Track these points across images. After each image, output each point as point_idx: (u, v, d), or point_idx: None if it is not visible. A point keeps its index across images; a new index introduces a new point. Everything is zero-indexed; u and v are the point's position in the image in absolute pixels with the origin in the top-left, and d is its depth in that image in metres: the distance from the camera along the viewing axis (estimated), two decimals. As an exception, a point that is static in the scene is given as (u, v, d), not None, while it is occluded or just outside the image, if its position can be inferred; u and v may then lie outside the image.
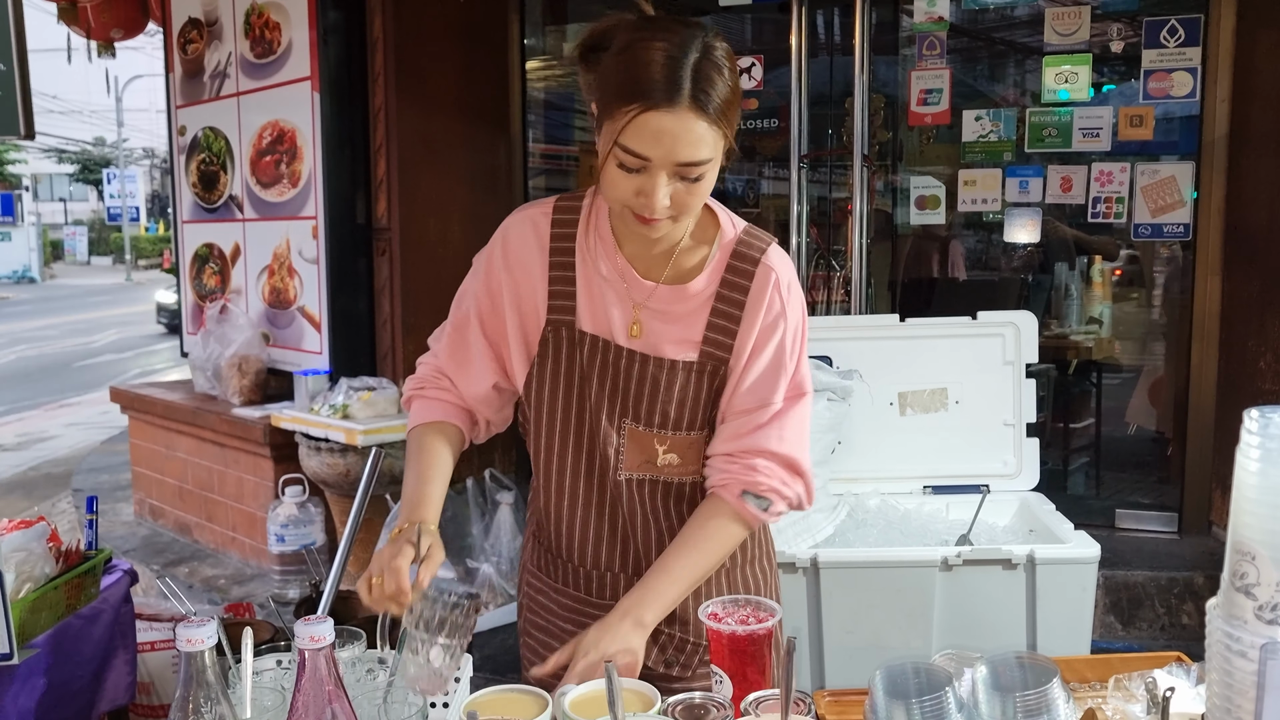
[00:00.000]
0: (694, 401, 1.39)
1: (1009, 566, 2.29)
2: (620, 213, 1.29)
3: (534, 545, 1.57)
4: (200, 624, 1.13)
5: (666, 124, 1.18)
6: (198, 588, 3.98)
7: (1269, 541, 0.98)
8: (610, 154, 1.21)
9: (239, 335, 4.28)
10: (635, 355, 1.38)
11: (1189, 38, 3.53)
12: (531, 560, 1.57)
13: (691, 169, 1.21)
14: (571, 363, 1.40)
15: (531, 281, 1.40)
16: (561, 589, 1.52)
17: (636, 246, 1.38)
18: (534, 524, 1.57)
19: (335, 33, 4.02)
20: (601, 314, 1.38)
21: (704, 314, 1.38)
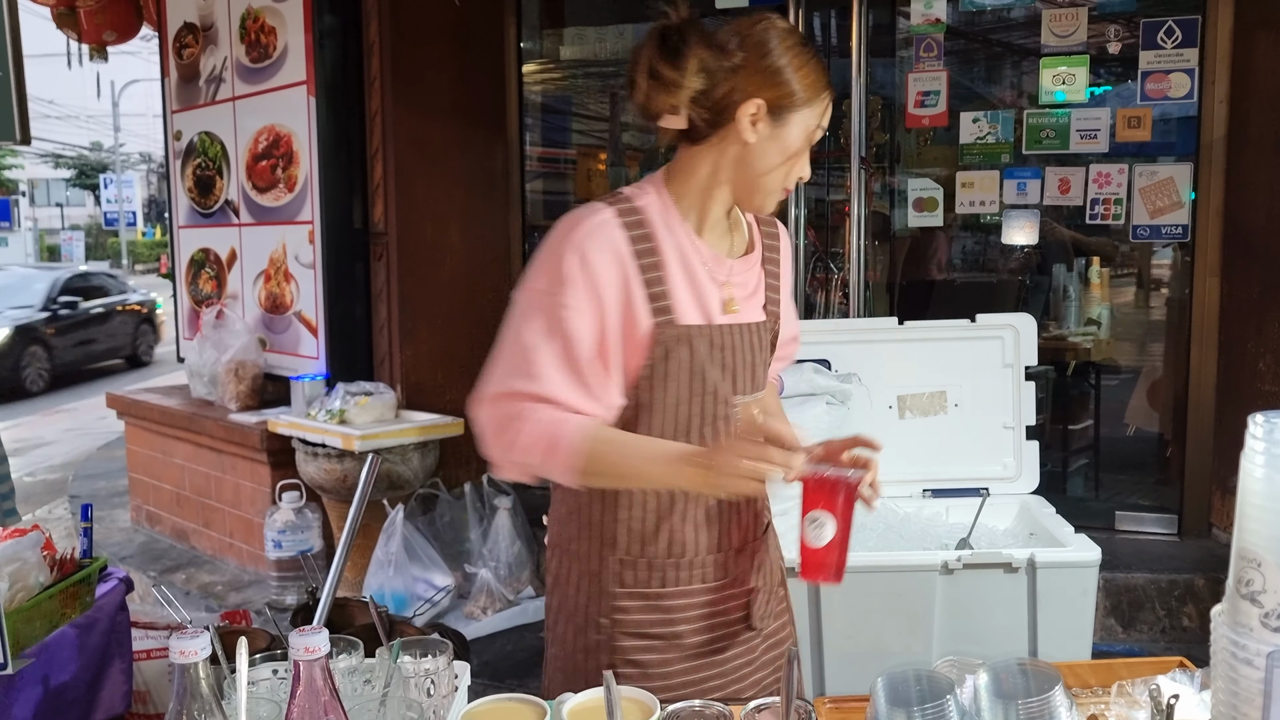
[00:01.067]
0: (766, 356, 1.54)
1: (1010, 570, 2.28)
2: (771, 193, 1.44)
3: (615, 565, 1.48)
4: (193, 635, 1.11)
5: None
6: (195, 594, 3.96)
7: (1276, 548, 0.97)
8: (807, 137, 1.41)
9: (235, 340, 4.26)
10: (735, 329, 1.47)
11: (1186, 39, 3.53)
12: (617, 583, 1.48)
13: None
14: (689, 356, 1.43)
15: (624, 292, 1.39)
16: (668, 592, 1.47)
17: (713, 231, 1.49)
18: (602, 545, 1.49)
19: (331, 37, 4.00)
20: (700, 299, 1.44)
21: (762, 277, 1.54)
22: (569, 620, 1.52)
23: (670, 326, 1.40)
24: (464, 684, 1.50)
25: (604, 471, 1.37)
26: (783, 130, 1.39)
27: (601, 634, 1.47)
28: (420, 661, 1.39)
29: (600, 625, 1.47)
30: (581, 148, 5.49)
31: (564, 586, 1.53)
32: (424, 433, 3.68)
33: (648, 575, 1.46)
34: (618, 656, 1.47)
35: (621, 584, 1.47)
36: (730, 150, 1.42)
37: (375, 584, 3.53)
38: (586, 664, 1.49)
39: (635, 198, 1.44)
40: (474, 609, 3.64)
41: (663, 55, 1.38)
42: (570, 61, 5.05)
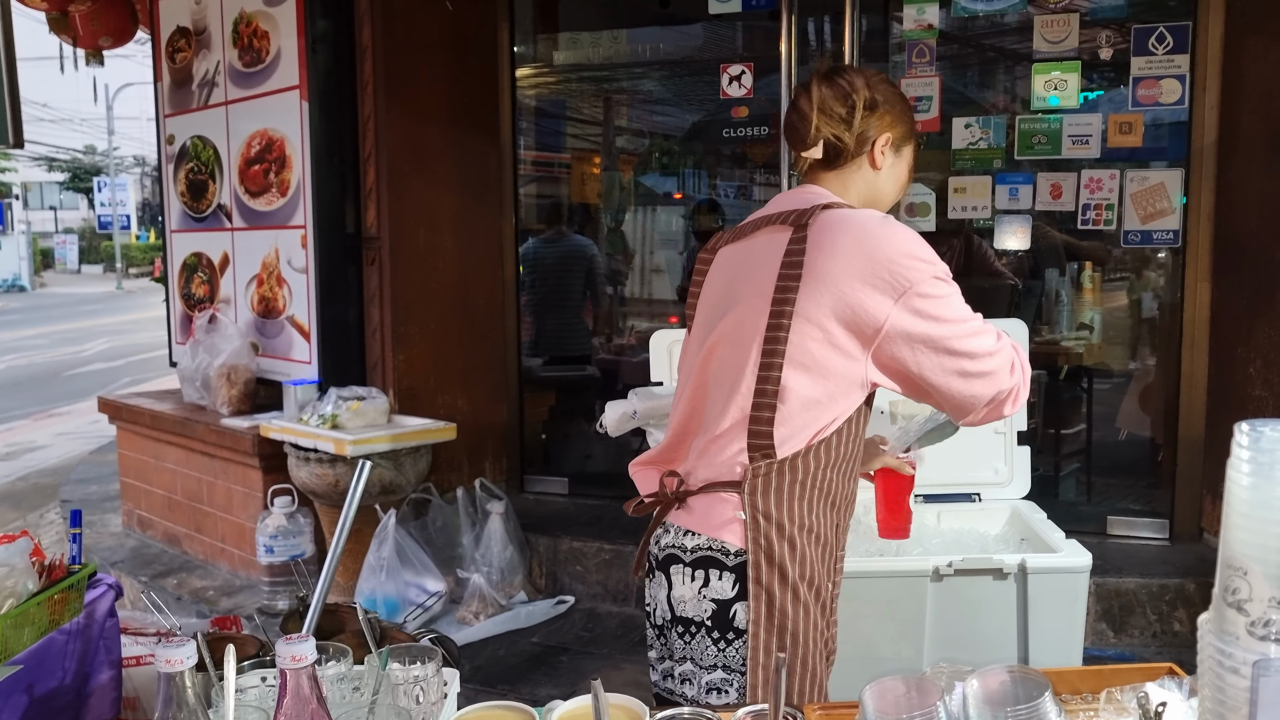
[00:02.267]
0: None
1: (1000, 576, 2.28)
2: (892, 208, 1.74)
3: (839, 531, 1.67)
4: (179, 644, 1.11)
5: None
6: (186, 599, 3.95)
7: (1261, 556, 0.97)
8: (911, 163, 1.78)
9: (228, 345, 4.25)
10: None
11: (1177, 45, 3.54)
12: (839, 545, 1.68)
13: None
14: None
15: None
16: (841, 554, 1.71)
17: None
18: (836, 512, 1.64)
19: (324, 41, 4.00)
20: None
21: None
22: (805, 613, 1.58)
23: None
24: (453, 690, 1.50)
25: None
26: (900, 160, 1.73)
27: (826, 595, 1.64)
28: (409, 669, 1.39)
29: (827, 587, 1.64)
30: (575, 152, 5.49)
31: (796, 575, 1.56)
32: (416, 438, 3.68)
33: (841, 537, 1.68)
34: (834, 615, 1.70)
35: (840, 546, 1.67)
36: (861, 174, 1.70)
37: (367, 589, 3.52)
38: (822, 626, 1.63)
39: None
40: (466, 614, 3.63)
41: (835, 94, 1.67)
42: (564, 66, 5.05)
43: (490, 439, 4.47)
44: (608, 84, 5.33)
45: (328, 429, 3.64)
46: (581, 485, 4.51)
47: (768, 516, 1.55)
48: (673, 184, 5.73)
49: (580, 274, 5.14)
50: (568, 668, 3.31)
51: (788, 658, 1.23)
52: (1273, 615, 0.96)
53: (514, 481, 4.57)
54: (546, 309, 5.09)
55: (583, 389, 4.98)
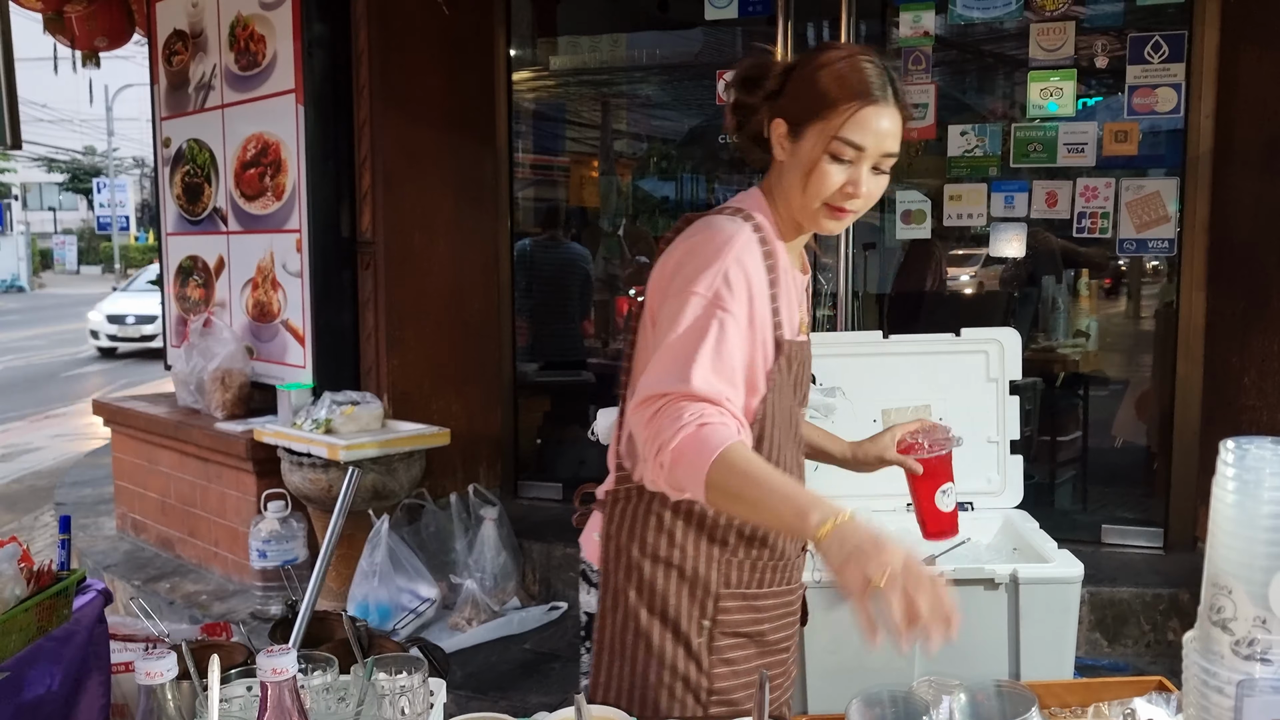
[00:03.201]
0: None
1: (991, 586, 2.28)
2: (814, 211, 1.44)
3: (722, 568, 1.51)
4: (159, 656, 1.11)
5: (882, 117, 1.39)
6: (179, 604, 3.94)
7: (1246, 575, 0.97)
8: (825, 150, 1.40)
9: (222, 349, 4.24)
10: (805, 345, 1.57)
11: (1173, 53, 3.54)
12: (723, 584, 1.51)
13: (888, 160, 1.42)
14: (798, 370, 1.54)
15: (763, 302, 1.46)
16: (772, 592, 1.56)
17: (795, 250, 1.56)
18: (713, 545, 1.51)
19: (320, 45, 3.99)
20: (793, 317, 1.52)
21: (806, 296, 1.63)
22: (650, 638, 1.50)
23: (783, 342, 1.49)
24: (439, 701, 1.49)
25: (734, 489, 1.28)
26: (799, 145, 1.43)
27: (701, 637, 1.50)
28: (395, 679, 1.38)
29: (702, 628, 1.50)
30: (575, 155, 5.49)
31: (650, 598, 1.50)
32: (410, 443, 3.67)
33: (750, 577, 1.52)
34: (715, 657, 1.51)
35: (726, 584, 1.51)
36: (777, 168, 1.50)
37: (360, 595, 3.51)
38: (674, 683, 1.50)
39: (753, 213, 1.50)
40: (459, 620, 3.62)
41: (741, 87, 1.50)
42: (561, 70, 5.05)
43: (484, 444, 4.46)
44: (604, 88, 5.33)
45: (321, 434, 3.63)
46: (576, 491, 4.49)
47: (619, 541, 1.53)
48: (670, 189, 5.73)
49: (576, 280, 5.14)
50: (559, 675, 3.30)
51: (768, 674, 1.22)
52: (1257, 634, 0.96)
53: (508, 487, 4.57)
54: (542, 314, 5.09)
55: (578, 395, 4.98)
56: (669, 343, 1.38)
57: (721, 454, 1.26)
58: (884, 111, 1.39)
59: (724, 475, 1.27)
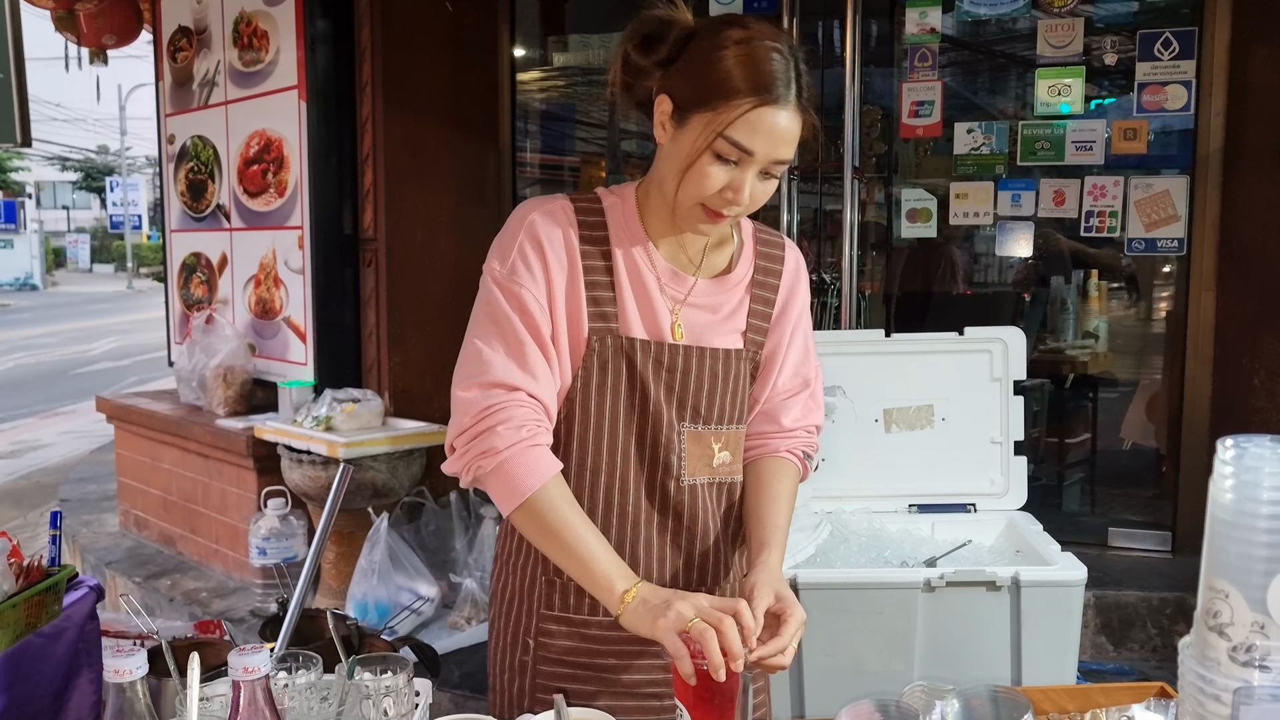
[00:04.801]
0: (742, 391, 1.43)
1: (993, 588, 2.24)
2: (689, 210, 1.29)
3: (543, 586, 1.41)
4: (129, 654, 1.09)
5: (779, 120, 1.22)
6: (179, 600, 3.93)
7: (1243, 579, 0.93)
8: (707, 149, 1.23)
9: (224, 345, 4.24)
10: (691, 351, 1.37)
11: (1183, 50, 3.49)
12: (544, 604, 1.41)
13: (779, 166, 1.26)
14: (629, 371, 1.35)
15: (567, 284, 1.34)
16: (596, 621, 1.39)
17: (671, 245, 1.39)
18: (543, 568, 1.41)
19: (323, 42, 3.98)
20: (649, 314, 1.36)
21: (745, 301, 1.42)
22: (499, 637, 1.47)
23: (609, 336, 1.34)
24: (425, 701, 1.47)
25: (535, 524, 1.29)
26: (681, 133, 1.26)
27: (528, 655, 1.41)
28: (380, 679, 1.36)
29: (528, 645, 1.42)
30: (585, 154, 5.47)
31: (499, 601, 1.48)
32: (410, 440, 3.65)
33: (577, 601, 1.38)
34: (539, 680, 1.40)
35: (548, 606, 1.40)
36: (659, 152, 1.33)
37: (359, 593, 3.49)
38: (512, 685, 1.44)
39: (604, 198, 1.39)
40: (458, 619, 3.60)
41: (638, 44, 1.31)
42: (565, 68, 5.03)
43: (487, 443, 4.44)
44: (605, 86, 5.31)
45: (321, 431, 3.61)
46: (578, 490, 4.47)
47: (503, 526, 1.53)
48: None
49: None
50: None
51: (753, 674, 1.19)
52: (1255, 640, 0.92)
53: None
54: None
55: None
56: (472, 328, 1.37)
57: (531, 497, 1.27)
58: (781, 112, 1.22)
59: (529, 521, 1.28)
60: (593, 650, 1.39)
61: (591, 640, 1.39)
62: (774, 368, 1.46)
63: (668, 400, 1.36)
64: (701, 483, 1.41)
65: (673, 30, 1.28)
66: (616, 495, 1.37)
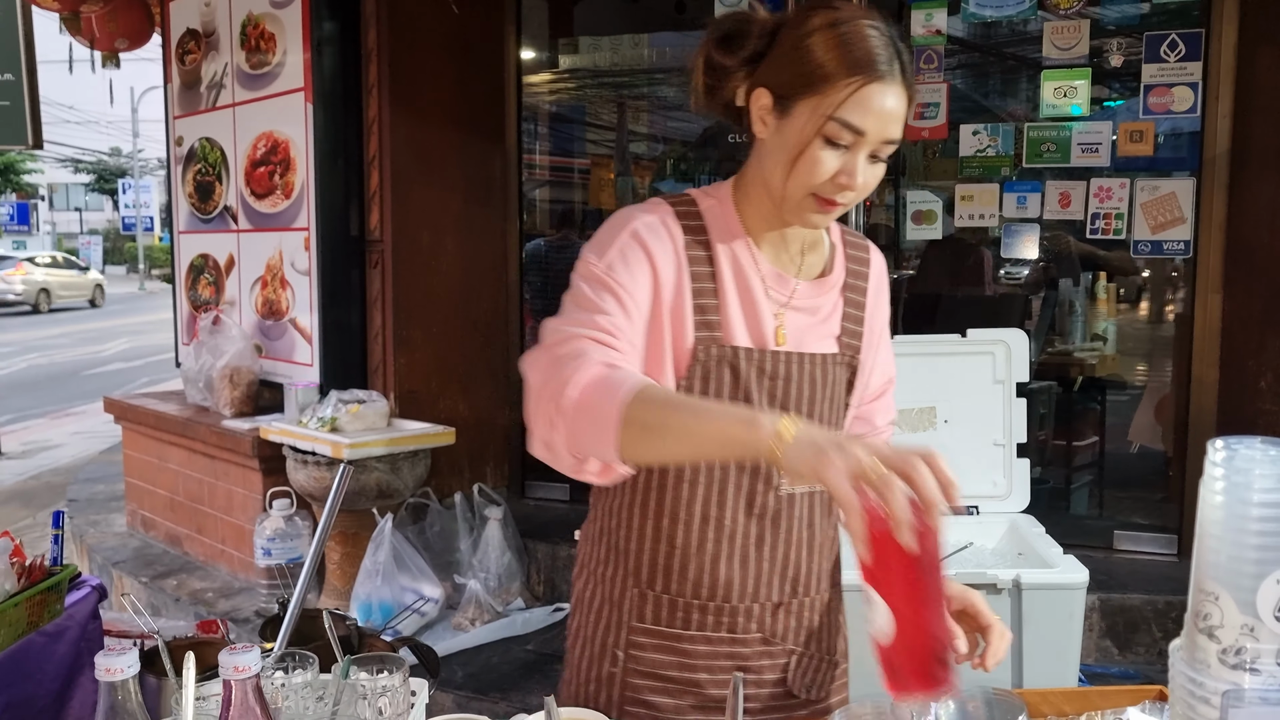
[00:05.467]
0: (839, 397, 1.38)
1: (994, 591, 2.24)
2: (799, 201, 1.24)
3: (635, 598, 1.37)
4: (120, 652, 1.09)
5: (888, 98, 1.18)
6: (184, 600, 3.94)
7: (1233, 581, 0.93)
8: (817, 134, 1.19)
9: (231, 346, 4.25)
10: (793, 357, 1.33)
11: (1190, 52, 3.48)
12: (635, 616, 1.37)
13: (888, 147, 1.22)
14: (732, 380, 1.30)
15: (675, 294, 1.28)
16: (690, 635, 1.36)
17: (773, 245, 1.35)
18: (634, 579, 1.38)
19: (329, 44, 3.99)
20: (753, 319, 1.32)
21: (839, 304, 1.39)
22: (585, 646, 1.43)
23: (714, 345, 1.29)
24: (421, 701, 1.47)
25: (657, 420, 1.08)
26: (786, 123, 1.22)
27: (616, 667, 1.38)
28: (376, 678, 1.37)
29: (616, 657, 1.38)
30: (596, 157, 5.47)
31: (585, 610, 1.44)
32: (415, 441, 3.66)
33: (670, 614, 1.35)
34: (629, 693, 1.37)
35: (640, 618, 1.36)
36: (756, 149, 1.29)
37: (363, 594, 3.50)
38: (598, 695, 1.40)
39: (699, 200, 1.35)
40: (462, 620, 3.60)
41: (719, 44, 1.27)
42: (571, 70, 5.04)
43: (492, 443, 4.45)
44: (616, 88, 5.31)
45: (326, 432, 3.62)
46: (583, 492, 4.44)
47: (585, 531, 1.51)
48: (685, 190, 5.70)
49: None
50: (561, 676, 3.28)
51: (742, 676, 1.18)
52: (1245, 643, 0.92)
53: (515, 487, 4.55)
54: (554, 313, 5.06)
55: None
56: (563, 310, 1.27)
57: (641, 389, 1.09)
58: (890, 90, 1.18)
59: (642, 409, 1.08)
60: (684, 664, 1.35)
61: (684, 655, 1.35)
62: (867, 370, 1.43)
63: (770, 409, 1.30)
64: (801, 491, 1.37)
65: (754, 25, 1.26)
66: (714, 508, 1.33)
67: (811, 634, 1.41)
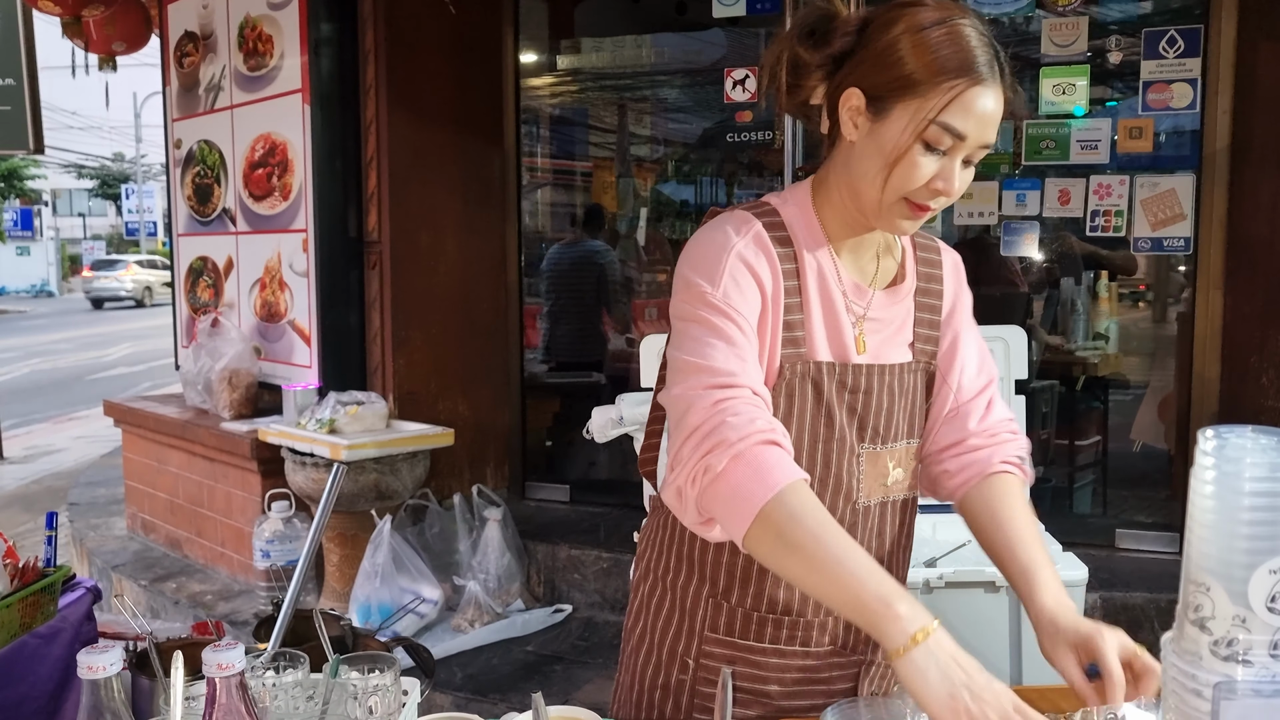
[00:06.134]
0: (915, 406, 1.35)
1: (992, 589, 2.22)
2: (890, 207, 1.20)
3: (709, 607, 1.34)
4: (103, 650, 1.09)
5: (989, 101, 1.16)
6: (184, 603, 3.94)
7: (1225, 572, 0.92)
8: (919, 136, 1.15)
9: (230, 349, 4.25)
10: (872, 370, 1.30)
11: (1189, 48, 3.47)
12: (709, 627, 1.34)
13: (983, 151, 1.19)
14: (815, 396, 1.27)
15: (774, 310, 1.25)
16: (762, 648, 1.33)
17: (851, 254, 1.31)
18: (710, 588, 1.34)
19: (327, 45, 3.99)
20: (835, 332, 1.29)
21: (911, 310, 1.35)
22: (650, 652, 1.40)
23: (799, 362, 1.25)
24: (413, 700, 1.46)
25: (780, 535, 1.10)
26: (882, 125, 1.18)
27: (685, 674, 1.35)
28: (367, 678, 1.36)
29: (686, 665, 1.35)
30: (598, 160, 5.47)
31: (651, 615, 1.41)
32: (412, 443, 3.65)
33: (744, 625, 1.32)
34: (698, 701, 1.34)
35: (713, 628, 1.33)
36: (837, 153, 1.26)
37: (362, 595, 3.49)
38: (664, 702, 1.38)
39: (780, 209, 1.30)
40: (461, 621, 3.59)
41: (805, 40, 1.24)
42: (569, 70, 5.03)
43: (492, 444, 4.44)
44: (617, 90, 5.30)
45: (325, 433, 3.61)
46: (583, 493, 4.47)
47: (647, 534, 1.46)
48: (688, 191, 5.69)
49: (592, 280, 5.11)
50: (561, 677, 3.27)
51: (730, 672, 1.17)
52: (1237, 634, 0.91)
53: (515, 488, 4.54)
54: (557, 315, 5.06)
55: (588, 395, 4.94)
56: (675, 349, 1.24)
57: (788, 489, 1.09)
58: (990, 92, 1.15)
59: (784, 517, 1.08)
60: (756, 675, 1.32)
61: (756, 665, 1.32)
62: (953, 371, 1.38)
63: (849, 423, 1.29)
64: (875, 503, 1.33)
65: (839, 22, 1.23)
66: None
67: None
